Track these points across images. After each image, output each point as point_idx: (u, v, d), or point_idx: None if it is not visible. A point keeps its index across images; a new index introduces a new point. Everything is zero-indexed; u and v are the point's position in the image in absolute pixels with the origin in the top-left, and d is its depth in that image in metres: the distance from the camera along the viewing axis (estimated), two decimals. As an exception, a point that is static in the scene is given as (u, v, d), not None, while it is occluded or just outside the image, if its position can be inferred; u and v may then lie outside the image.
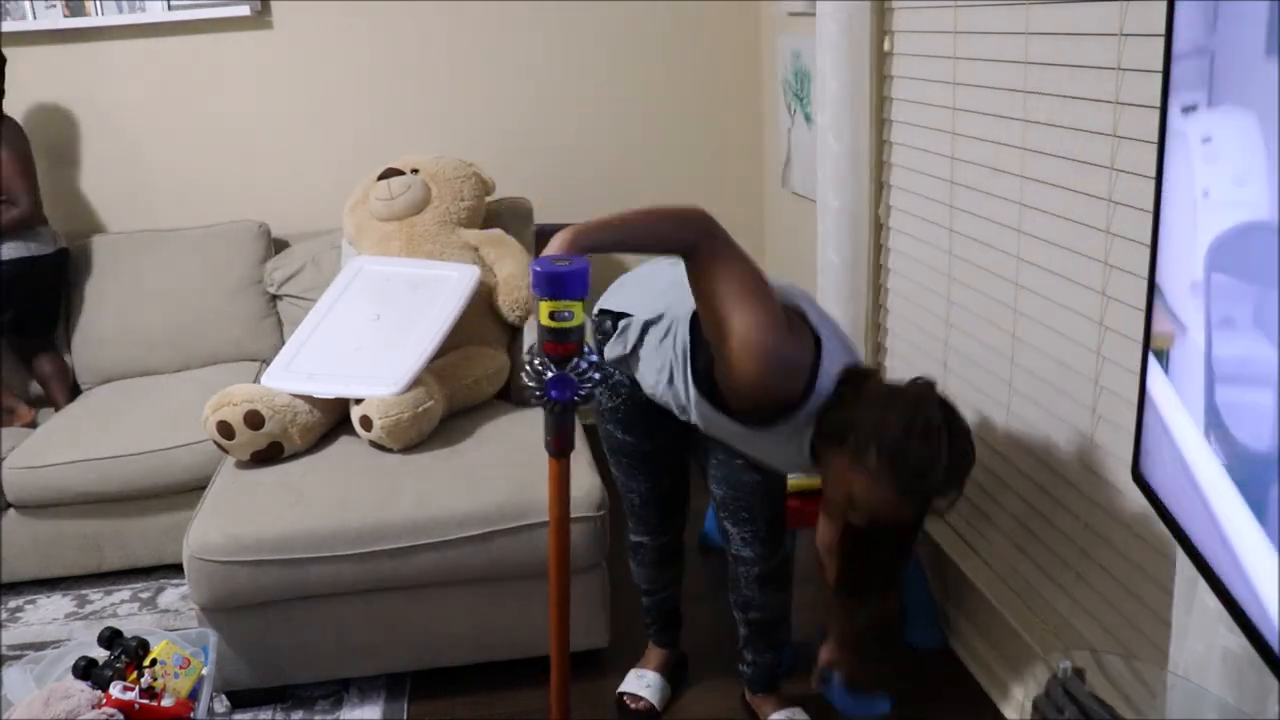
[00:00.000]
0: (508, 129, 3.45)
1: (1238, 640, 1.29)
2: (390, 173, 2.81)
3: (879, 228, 2.66)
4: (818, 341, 1.66)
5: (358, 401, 2.35)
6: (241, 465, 2.34)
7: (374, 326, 2.51)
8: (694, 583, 2.66)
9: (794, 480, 2.20)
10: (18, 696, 1.82)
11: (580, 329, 1.43)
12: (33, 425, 2.90)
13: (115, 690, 1.74)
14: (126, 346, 3.11)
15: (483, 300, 2.67)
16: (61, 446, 2.67)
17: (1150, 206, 1.45)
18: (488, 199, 3.00)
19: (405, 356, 2.40)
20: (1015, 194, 2.00)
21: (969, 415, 2.27)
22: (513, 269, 2.71)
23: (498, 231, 2.84)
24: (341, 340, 2.50)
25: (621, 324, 1.83)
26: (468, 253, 2.74)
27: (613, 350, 1.85)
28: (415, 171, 2.83)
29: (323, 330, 2.54)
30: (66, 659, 1.90)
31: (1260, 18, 0.97)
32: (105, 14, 3.16)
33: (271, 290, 3.15)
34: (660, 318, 1.78)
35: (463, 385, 2.52)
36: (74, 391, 3.06)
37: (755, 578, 1.99)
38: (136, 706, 1.72)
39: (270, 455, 2.33)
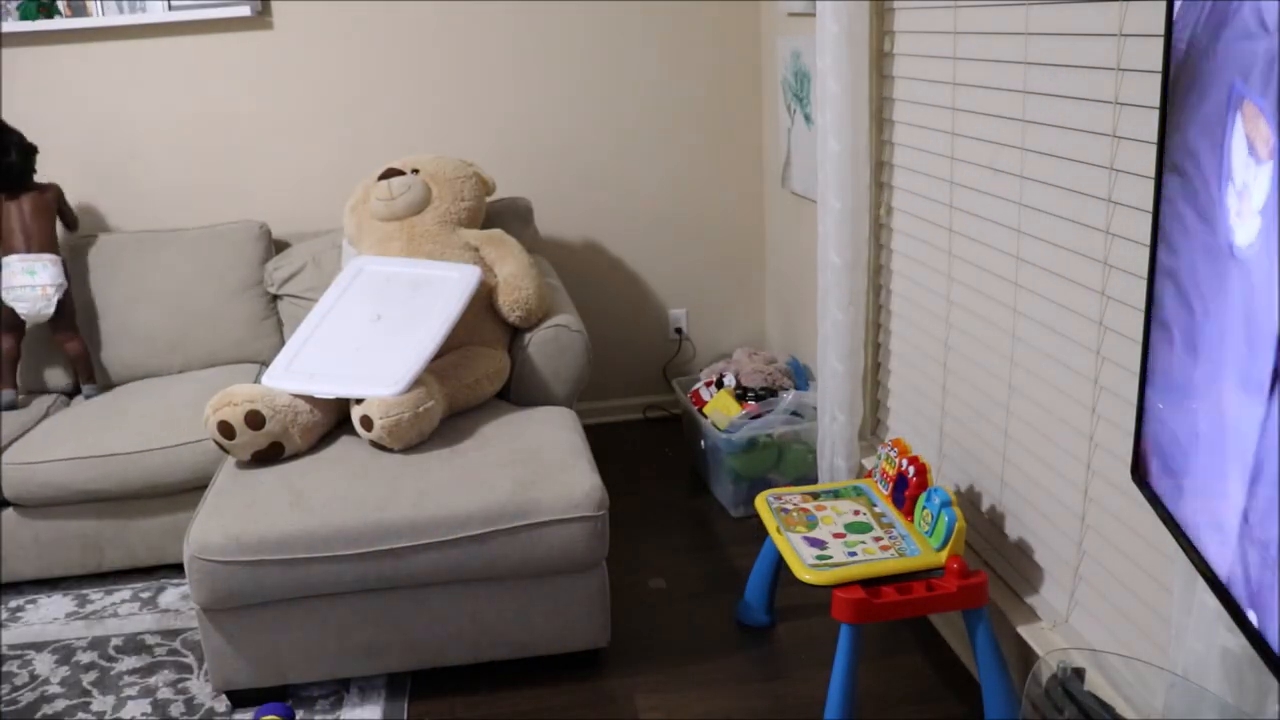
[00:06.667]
0: (507, 128, 3.46)
1: (1237, 640, 1.29)
2: (390, 173, 2.81)
3: (879, 228, 2.66)
4: None
5: (358, 401, 2.35)
6: (242, 465, 2.34)
7: (375, 327, 2.51)
8: (693, 582, 2.67)
9: (837, 571, 2.00)
10: None
11: None
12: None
13: None
14: (127, 347, 3.10)
15: (483, 300, 2.67)
16: (61, 444, 2.67)
17: (1150, 206, 1.45)
18: (488, 199, 3.00)
19: (406, 357, 2.40)
20: (1015, 194, 2.00)
21: (969, 414, 2.28)
22: (513, 269, 2.71)
23: (498, 231, 2.84)
24: (342, 340, 2.50)
25: None
26: (468, 253, 2.74)
27: None
28: (416, 171, 2.83)
29: (323, 330, 2.54)
30: None
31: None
32: (106, 14, 3.17)
33: (272, 290, 3.15)
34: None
35: (463, 385, 2.52)
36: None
37: None
38: None
39: (271, 455, 2.33)
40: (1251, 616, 1.03)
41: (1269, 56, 0.83)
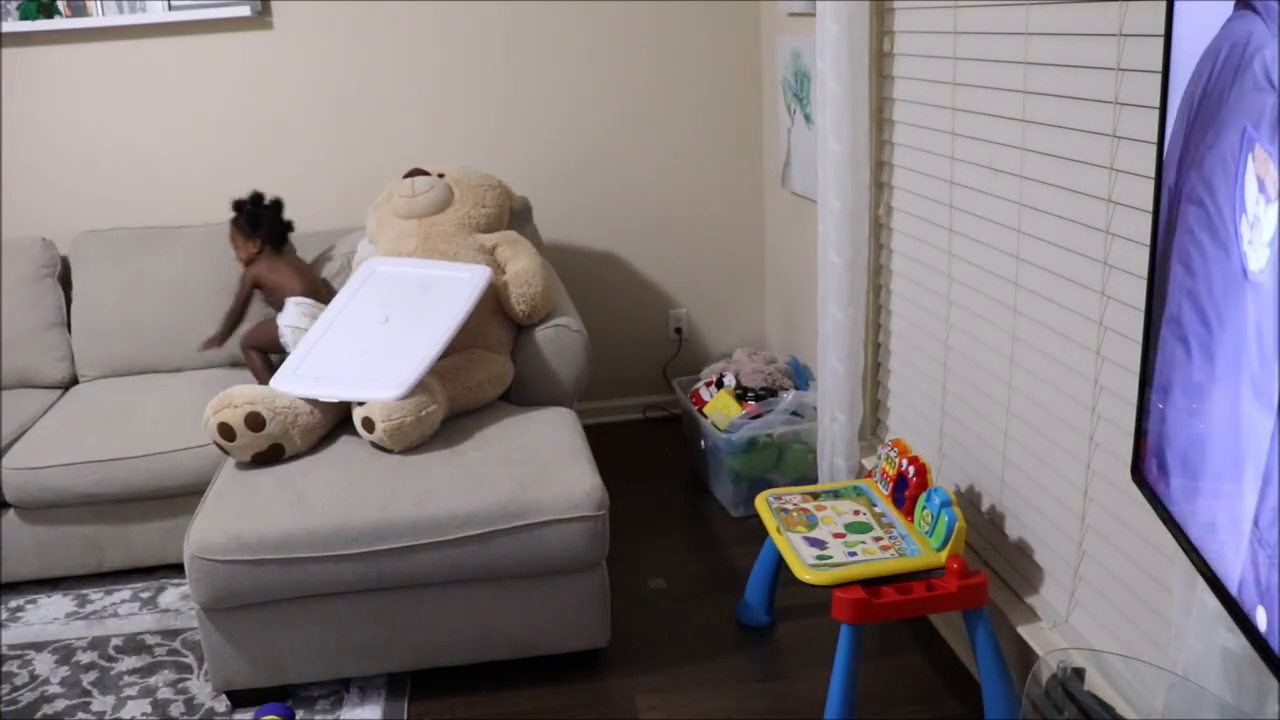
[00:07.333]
0: (507, 128, 3.46)
1: (1237, 640, 1.29)
2: (415, 172, 2.85)
3: (879, 228, 2.66)
4: None
5: (360, 403, 2.35)
6: (242, 466, 2.34)
7: (382, 329, 2.51)
8: (693, 582, 2.67)
9: (837, 571, 2.00)
10: None
11: None
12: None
13: None
14: (127, 342, 3.11)
15: (490, 304, 2.67)
16: (62, 447, 2.67)
17: (1150, 206, 1.45)
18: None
19: (410, 360, 2.40)
20: (1015, 194, 2.00)
21: (969, 414, 2.28)
22: (526, 264, 2.72)
23: (513, 232, 2.87)
24: (349, 343, 2.51)
25: None
26: (482, 255, 2.75)
27: None
28: (442, 176, 2.87)
29: (332, 333, 2.54)
30: None
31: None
32: (106, 14, 3.17)
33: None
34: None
35: (465, 388, 2.52)
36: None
37: None
38: None
39: (271, 457, 2.33)
40: (1261, 617, 1.04)
41: (1274, 110, 0.94)
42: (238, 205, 3.08)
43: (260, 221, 3.07)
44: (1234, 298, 1.07)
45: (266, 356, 3.00)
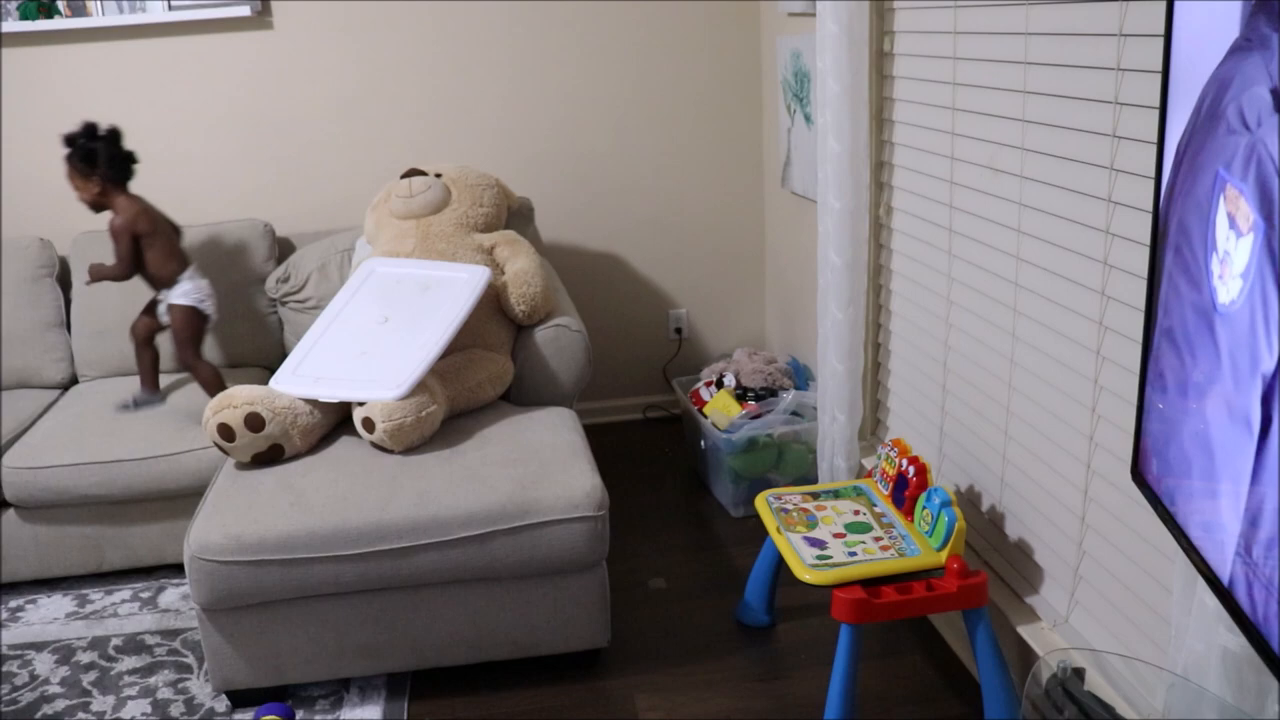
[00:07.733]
0: (507, 128, 3.46)
1: (1237, 640, 1.29)
2: (413, 172, 2.84)
3: (879, 228, 2.66)
4: None
5: (360, 403, 2.35)
6: (242, 466, 2.34)
7: (382, 330, 2.51)
8: (693, 582, 2.67)
9: (837, 571, 1.99)
10: None
11: None
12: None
13: None
14: (127, 342, 3.09)
15: (490, 304, 2.67)
16: (62, 448, 2.67)
17: (1150, 206, 1.45)
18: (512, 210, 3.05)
19: (410, 360, 2.40)
20: (1015, 194, 2.00)
21: (969, 414, 2.28)
22: (524, 265, 2.72)
23: (512, 232, 2.87)
24: (348, 344, 2.51)
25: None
26: (481, 255, 2.75)
27: None
28: (439, 175, 2.86)
29: (331, 334, 2.54)
30: None
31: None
32: (106, 14, 3.17)
33: (274, 296, 3.16)
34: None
35: (465, 389, 2.52)
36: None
37: None
38: None
39: (271, 457, 2.33)
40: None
41: (1249, 149, 1.00)
42: (69, 140, 2.74)
43: (96, 157, 2.73)
44: (1204, 331, 1.13)
45: (156, 354, 2.92)
